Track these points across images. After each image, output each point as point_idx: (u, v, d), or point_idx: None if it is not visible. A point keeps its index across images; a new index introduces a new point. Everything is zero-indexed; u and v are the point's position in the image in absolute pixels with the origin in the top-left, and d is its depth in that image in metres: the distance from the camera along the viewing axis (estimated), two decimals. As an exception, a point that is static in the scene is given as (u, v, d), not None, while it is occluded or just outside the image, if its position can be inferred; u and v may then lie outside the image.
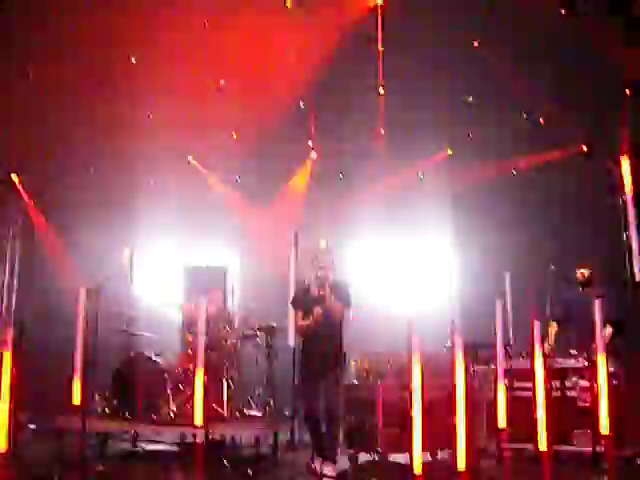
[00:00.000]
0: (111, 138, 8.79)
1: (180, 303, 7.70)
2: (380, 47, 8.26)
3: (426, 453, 4.91)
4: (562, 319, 6.99)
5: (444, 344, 6.07)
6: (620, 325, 6.60)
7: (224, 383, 6.71)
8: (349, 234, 9.45)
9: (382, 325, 8.89)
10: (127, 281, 9.18)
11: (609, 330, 6.44)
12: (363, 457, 6.09)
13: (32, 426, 7.48)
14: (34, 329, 7.36)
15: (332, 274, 5.87)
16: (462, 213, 8.88)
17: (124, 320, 7.27)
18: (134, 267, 9.57)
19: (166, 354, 7.08)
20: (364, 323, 8.07)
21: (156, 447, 6.88)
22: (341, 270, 6.26)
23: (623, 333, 6.61)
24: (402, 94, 8.54)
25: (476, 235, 8.83)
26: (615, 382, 5.84)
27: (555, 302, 7.02)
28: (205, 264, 9.92)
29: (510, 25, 7.77)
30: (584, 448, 5.92)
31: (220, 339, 6.93)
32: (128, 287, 9.17)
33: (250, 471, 5.67)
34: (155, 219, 9.46)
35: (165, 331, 7.85)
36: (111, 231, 9.17)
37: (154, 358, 6.91)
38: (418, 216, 9.19)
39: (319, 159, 9.59)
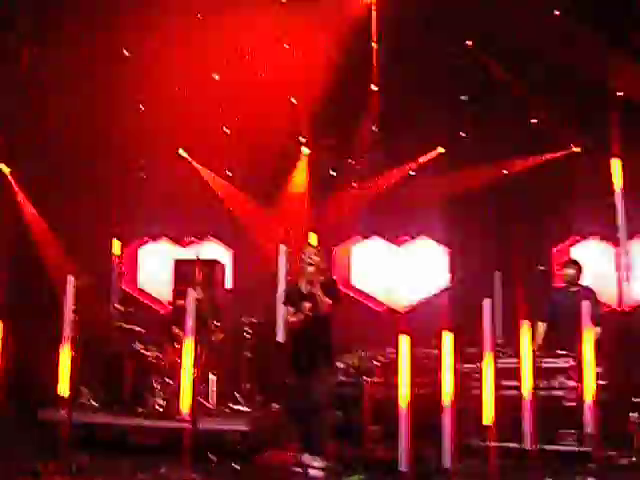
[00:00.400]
0: (105, 133, 8.79)
1: (169, 296, 7.69)
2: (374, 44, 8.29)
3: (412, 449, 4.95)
4: (550, 319, 7.01)
5: (433, 342, 6.07)
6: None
7: (212, 377, 6.70)
8: (340, 232, 9.44)
9: (371, 322, 8.93)
10: (116, 274, 9.18)
11: (598, 330, 6.46)
12: (350, 452, 6.09)
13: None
14: (22, 320, 7.34)
15: (321, 270, 5.87)
16: (454, 212, 8.88)
17: (113, 313, 7.25)
18: (124, 260, 9.58)
19: (153, 347, 7.05)
20: (353, 320, 8.07)
21: (143, 440, 6.85)
22: (329, 267, 6.27)
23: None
24: (400, 94, 8.56)
25: (467, 234, 8.85)
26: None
27: (544, 302, 7.05)
28: (195, 257, 9.87)
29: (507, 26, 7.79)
30: (569, 447, 5.95)
31: (208, 333, 6.91)
32: (117, 280, 9.15)
33: (237, 466, 5.66)
34: (145, 212, 9.44)
35: (153, 324, 7.82)
36: (101, 224, 9.13)
37: (142, 351, 6.88)
38: (411, 215, 9.20)
39: (312, 155, 9.56)
